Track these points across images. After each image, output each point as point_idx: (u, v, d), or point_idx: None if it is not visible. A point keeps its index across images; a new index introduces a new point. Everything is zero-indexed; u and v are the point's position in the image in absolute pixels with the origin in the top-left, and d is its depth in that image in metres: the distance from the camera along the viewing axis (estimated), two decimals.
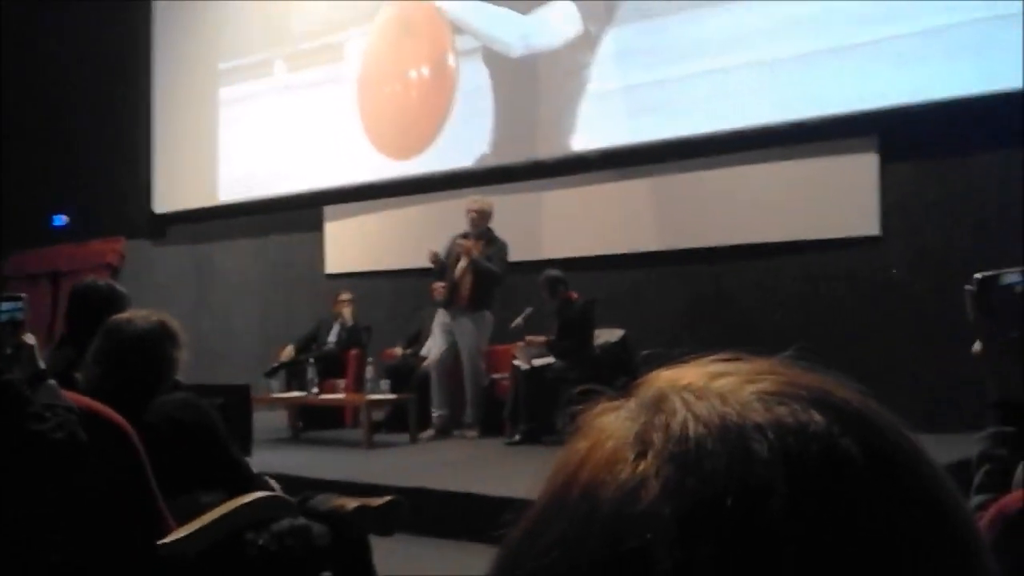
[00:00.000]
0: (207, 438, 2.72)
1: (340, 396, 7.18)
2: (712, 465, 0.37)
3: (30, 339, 2.23)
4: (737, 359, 0.44)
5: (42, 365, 2.21)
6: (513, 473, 5.68)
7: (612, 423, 0.42)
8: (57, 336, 3.69)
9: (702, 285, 7.34)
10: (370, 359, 7.32)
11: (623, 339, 7.03)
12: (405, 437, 7.01)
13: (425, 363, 7.35)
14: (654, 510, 0.37)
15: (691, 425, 0.39)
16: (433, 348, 7.24)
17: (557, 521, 0.39)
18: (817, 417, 0.39)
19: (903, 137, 6.57)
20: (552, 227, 8.16)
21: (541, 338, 6.94)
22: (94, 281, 3.49)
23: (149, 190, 10.84)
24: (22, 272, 10.64)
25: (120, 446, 2.41)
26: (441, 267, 7.19)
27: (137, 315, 2.77)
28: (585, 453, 0.41)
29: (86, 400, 2.42)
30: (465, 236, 7.18)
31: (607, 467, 0.39)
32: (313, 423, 7.73)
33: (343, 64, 9.46)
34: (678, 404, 0.40)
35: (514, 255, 8.04)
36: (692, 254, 7.43)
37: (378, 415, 7.30)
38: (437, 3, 8.80)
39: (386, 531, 3.11)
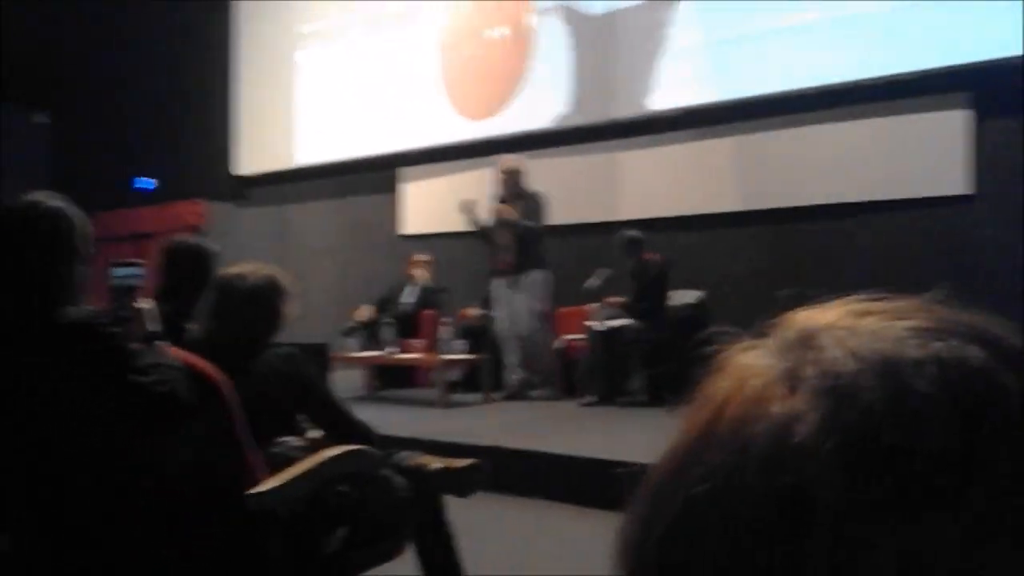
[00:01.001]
0: (312, 388, 2.81)
1: (416, 356, 7.25)
2: (870, 399, 0.37)
3: (146, 303, 2.30)
4: (880, 298, 0.43)
5: (155, 328, 2.27)
6: (586, 434, 5.72)
7: (754, 360, 0.41)
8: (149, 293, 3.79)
9: (783, 246, 7.23)
10: (446, 319, 7.37)
11: (701, 300, 6.96)
12: (480, 397, 7.07)
13: (496, 326, 7.39)
14: (812, 443, 0.36)
15: (845, 360, 0.38)
16: (498, 313, 7.27)
17: (707, 455, 0.39)
18: (976, 352, 0.38)
19: (997, 93, 6.34)
20: (629, 187, 8.10)
21: (619, 299, 6.90)
22: (185, 239, 3.58)
23: (229, 153, 11.04)
24: (107, 233, 10.92)
25: (215, 401, 2.47)
26: (476, 224, 7.14)
27: (248, 270, 2.82)
28: (730, 390, 0.41)
29: (183, 354, 2.49)
30: (501, 200, 7.11)
31: (756, 402, 0.39)
32: (389, 382, 7.84)
33: (420, 26, 9.46)
34: (828, 340, 0.40)
35: (591, 216, 8.00)
36: (773, 214, 7.31)
37: (453, 375, 7.37)
38: None
39: (465, 493, 3.15)
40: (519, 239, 6.97)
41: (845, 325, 0.41)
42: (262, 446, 2.57)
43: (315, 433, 2.84)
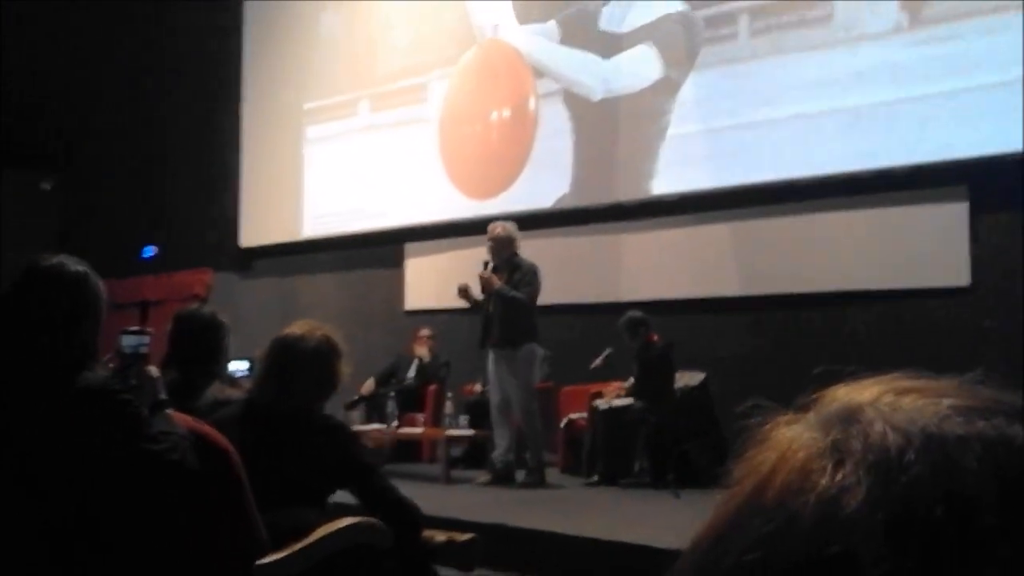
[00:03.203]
0: (359, 465, 2.83)
1: (419, 430, 7.24)
2: (917, 474, 0.38)
3: (153, 371, 2.34)
4: (919, 377, 0.44)
5: (163, 396, 2.31)
6: (589, 513, 5.68)
7: (798, 434, 0.43)
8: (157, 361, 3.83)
9: (782, 332, 7.26)
10: (449, 394, 7.37)
11: (703, 382, 6.98)
12: (482, 473, 7.03)
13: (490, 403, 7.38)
14: (861, 515, 0.38)
15: (891, 435, 0.40)
16: (490, 389, 6.95)
17: (752, 525, 0.40)
18: (1020, 431, 0.39)
19: (993, 187, 6.43)
20: (631, 270, 8.16)
21: (624, 384, 6.92)
22: (198, 308, 3.63)
23: (236, 224, 11.14)
24: (111, 300, 10.93)
25: (224, 469, 2.49)
26: (474, 303, 6.76)
27: (306, 330, 2.83)
28: (775, 462, 0.42)
29: (192, 422, 2.51)
30: (489, 268, 6.71)
31: (802, 475, 0.40)
32: (391, 456, 7.81)
33: (426, 105, 9.64)
34: (873, 416, 0.41)
35: (594, 296, 8.03)
36: (772, 300, 7.36)
37: (456, 450, 7.34)
38: (519, 47, 8.94)
39: (467, 567, 3.15)
40: (506, 309, 6.56)
41: (888, 401, 0.42)
42: (282, 514, 2.59)
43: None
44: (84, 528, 2.15)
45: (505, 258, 6.73)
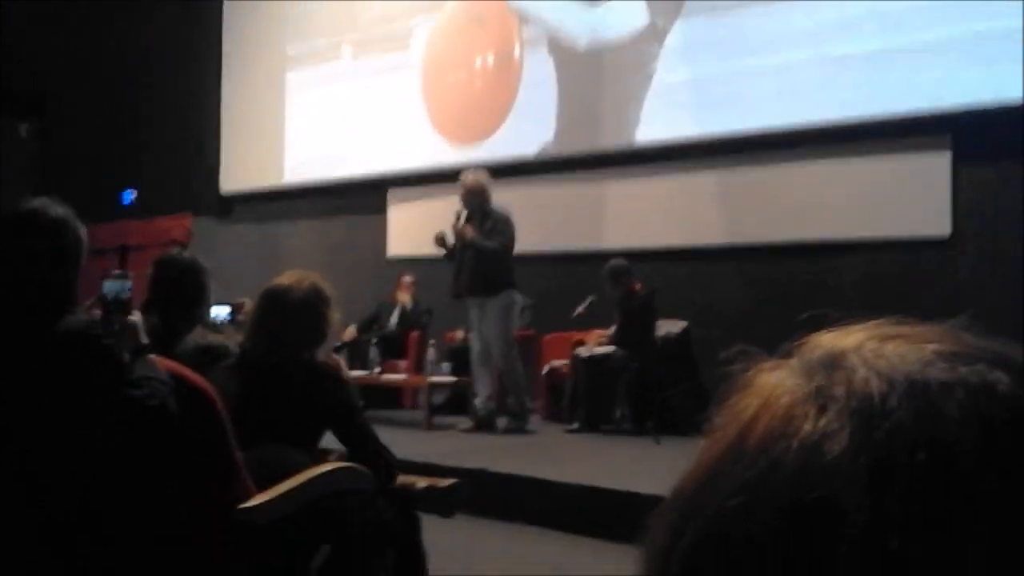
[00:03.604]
0: (347, 408, 2.89)
1: (401, 377, 7.26)
2: (900, 420, 0.38)
3: (135, 316, 2.33)
4: (903, 323, 0.44)
5: (144, 340, 2.30)
6: (570, 459, 5.74)
7: (781, 380, 0.42)
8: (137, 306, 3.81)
9: (764, 281, 7.30)
10: (431, 342, 7.38)
11: (685, 331, 7.02)
12: (464, 419, 7.07)
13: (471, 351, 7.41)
14: (843, 461, 0.38)
15: (874, 381, 0.40)
16: (472, 337, 6.94)
17: (735, 470, 0.40)
18: (1002, 377, 0.39)
19: (977, 138, 6.45)
20: (615, 218, 8.16)
21: (606, 332, 6.95)
22: (178, 253, 3.61)
23: (217, 170, 11.05)
24: (92, 246, 10.87)
25: (206, 412, 2.49)
26: (450, 252, 6.75)
27: (294, 280, 2.88)
28: (758, 407, 0.42)
29: (173, 366, 2.51)
30: (463, 217, 6.66)
31: (785, 420, 0.40)
32: (373, 403, 7.82)
33: (409, 51, 9.54)
34: (856, 362, 0.41)
35: (577, 244, 8.04)
36: (755, 249, 7.38)
37: (438, 397, 7.38)
38: None
39: (448, 512, 3.18)
40: (478, 258, 6.53)
41: (872, 348, 0.42)
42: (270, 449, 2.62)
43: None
44: (65, 472, 2.15)
45: (477, 206, 6.66)
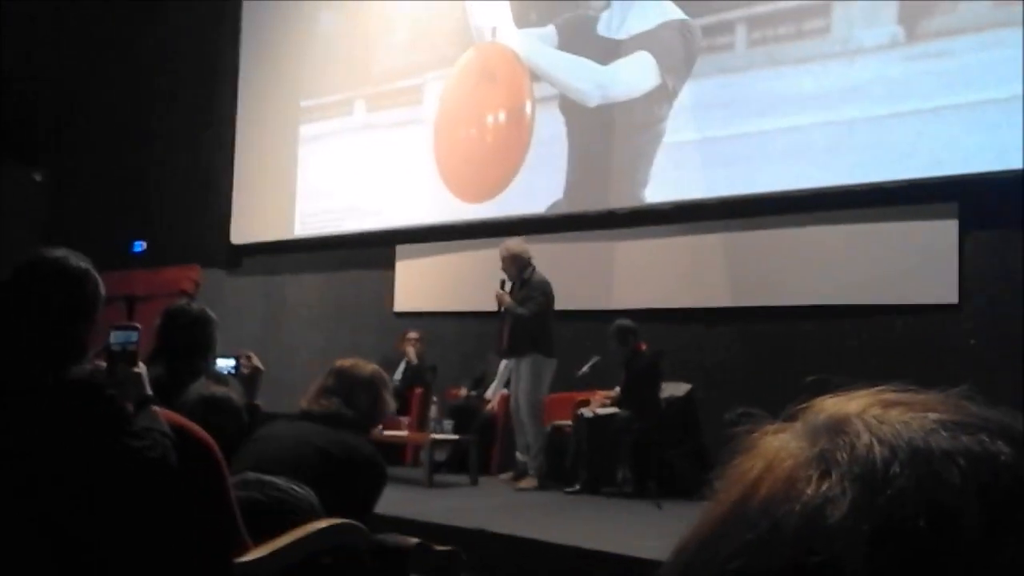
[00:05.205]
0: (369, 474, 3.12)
1: (403, 433, 7.21)
2: (902, 487, 0.38)
3: (140, 368, 2.33)
4: (906, 390, 0.44)
5: (149, 392, 2.30)
6: (571, 522, 5.67)
7: (785, 443, 0.43)
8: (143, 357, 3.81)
9: (770, 344, 7.27)
10: (434, 398, 7.35)
11: (689, 393, 6.98)
12: (465, 478, 7.02)
13: (487, 406, 7.37)
14: (845, 526, 0.38)
15: (877, 448, 0.40)
16: (495, 392, 7.26)
17: (737, 532, 0.40)
18: (1004, 448, 0.40)
19: (984, 205, 6.45)
20: (622, 277, 8.16)
21: (610, 392, 6.93)
22: (187, 304, 3.61)
23: (227, 221, 11.11)
24: None
25: (208, 465, 2.48)
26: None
27: (359, 363, 3.31)
28: (761, 470, 0.42)
29: (176, 417, 2.50)
30: (507, 286, 7.10)
31: (788, 483, 0.40)
32: None
33: (421, 106, 9.63)
34: (860, 427, 0.41)
35: (583, 304, 8.03)
36: (761, 312, 7.37)
37: (440, 455, 7.32)
38: (517, 50, 8.94)
39: None
40: (514, 322, 6.95)
41: (875, 414, 0.42)
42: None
43: None
44: (64, 522, 2.13)
45: (515, 274, 7.09)
